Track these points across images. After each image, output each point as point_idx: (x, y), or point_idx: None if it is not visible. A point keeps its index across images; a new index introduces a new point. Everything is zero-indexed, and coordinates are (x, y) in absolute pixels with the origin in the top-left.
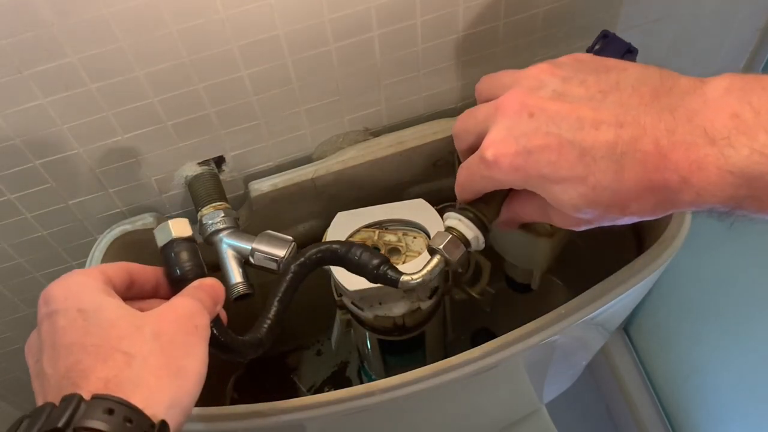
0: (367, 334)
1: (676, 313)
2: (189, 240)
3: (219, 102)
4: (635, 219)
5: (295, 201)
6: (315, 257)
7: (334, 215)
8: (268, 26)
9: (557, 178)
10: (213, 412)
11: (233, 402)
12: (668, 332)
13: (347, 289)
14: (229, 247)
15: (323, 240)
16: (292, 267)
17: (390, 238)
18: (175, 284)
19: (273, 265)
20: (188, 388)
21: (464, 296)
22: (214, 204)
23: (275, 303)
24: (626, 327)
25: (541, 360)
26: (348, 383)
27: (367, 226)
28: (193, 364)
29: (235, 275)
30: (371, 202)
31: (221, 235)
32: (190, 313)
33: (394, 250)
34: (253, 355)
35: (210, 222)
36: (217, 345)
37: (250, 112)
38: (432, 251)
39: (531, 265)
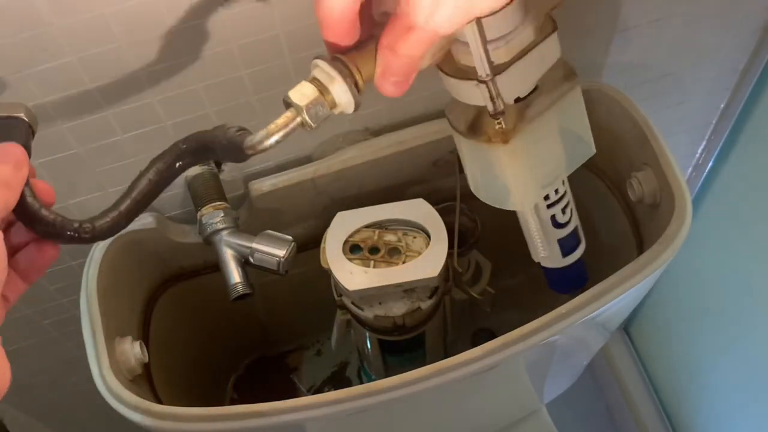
0: (367, 334)
1: (676, 313)
2: None
3: (218, 101)
4: None
5: (295, 201)
6: (180, 151)
7: (334, 215)
8: (267, 25)
9: None
10: (213, 412)
11: (233, 402)
12: (669, 332)
13: (347, 289)
14: (229, 246)
15: (323, 242)
16: (155, 162)
17: (390, 238)
18: None
19: (273, 265)
20: None
21: (464, 296)
22: (213, 204)
23: (135, 192)
24: (626, 327)
25: (542, 360)
26: (348, 383)
27: (367, 226)
28: None
29: (235, 275)
30: (371, 202)
31: (221, 234)
32: None
33: (394, 250)
34: (79, 242)
35: (209, 222)
36: (27, 219)
37: (250, 111)
38: (287, 104)
39: (510, 203)
